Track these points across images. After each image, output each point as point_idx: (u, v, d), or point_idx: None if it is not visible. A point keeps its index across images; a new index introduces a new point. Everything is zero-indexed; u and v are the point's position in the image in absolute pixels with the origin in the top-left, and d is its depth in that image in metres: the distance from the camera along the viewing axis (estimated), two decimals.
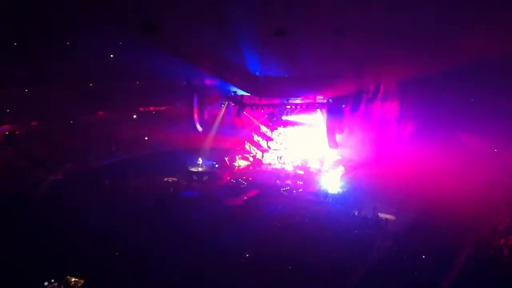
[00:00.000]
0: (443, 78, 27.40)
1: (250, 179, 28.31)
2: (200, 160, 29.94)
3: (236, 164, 31.36)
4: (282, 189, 26.63)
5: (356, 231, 19.94)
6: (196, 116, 33.32)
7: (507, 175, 25.57)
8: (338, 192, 26.19)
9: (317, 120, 32.87)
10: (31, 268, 15.76)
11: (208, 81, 32.86)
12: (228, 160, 31.34)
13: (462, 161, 27.02)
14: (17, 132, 30.02)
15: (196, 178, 27.98)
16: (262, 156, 31.84)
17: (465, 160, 27.05)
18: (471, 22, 22.78)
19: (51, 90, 30.35)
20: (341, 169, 29.76)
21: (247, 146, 33.55)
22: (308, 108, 31.81)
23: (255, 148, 32.67)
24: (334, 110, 31.49)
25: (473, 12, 22.38)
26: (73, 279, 15.46)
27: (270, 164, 31.39)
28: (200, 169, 29.42)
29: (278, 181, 28.11)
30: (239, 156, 32.09)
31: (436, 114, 29.46)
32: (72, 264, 16.17)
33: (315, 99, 31.78)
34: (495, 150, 28.39)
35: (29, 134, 30.34)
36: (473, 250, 17.33)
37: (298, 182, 27.98)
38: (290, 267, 16.67)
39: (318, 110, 32.42)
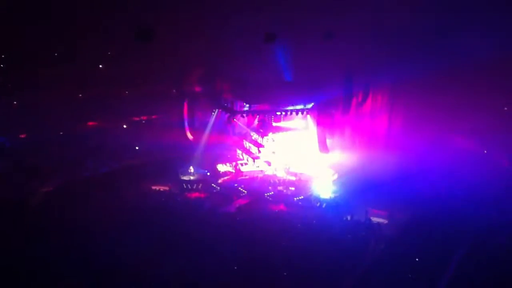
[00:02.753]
0: (432, 80, 27.70)
1: (243, 186, 28.34)
2: (191, 168, 29.90)
3: (227, 171, 31.38)
4: (266, 194, 26.81)
5: (349, 236, 20.00)
6: (186, 124, 33.33)
7: (497, 174, 25.87)
8: (330, 197, 26.27)
9: (308, 125, 33.03)
10: (24, 279, 15.63)
11: (198, 89, 32.91)
12: (219, 167, 31.35)
13: (453, 162, 27.31)
14: (7, 144, 29.81)
15: (188, 187, 27.90)
16: (254, 162, 31.90)
17: (456, 161, 27.34)
18: (459, 25, 23.10)
19: (41, 100, 30.20)
20: (332, 173, 29.85)
21: (239, 153, 33.57)
22: (299, 113, 31.96)
23: (246, 155, 32.70)
24: (324, 115, 31.69)
25: (462, 15, 22.70)
26: None
27: (262, 171, 31.44)
28: (192, 177, 29.37)
29: (270, 187, 28.16)
30: (228, 163, 32.13)
31: (426, 116, 29.77)
32: (66, 275, 16.04)
33: (305, 104, 31.94)
34: (485, 152, 28.74)
35: (20, 145, 30.10)
36: (467, 251, 17.46)
37: (290, 188, 28.05)
38: (285, 274, 16.68)
39: (309, 115, 32.59)
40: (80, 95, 33.76)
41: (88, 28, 26.08)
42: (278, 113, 31.84)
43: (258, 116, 32.56)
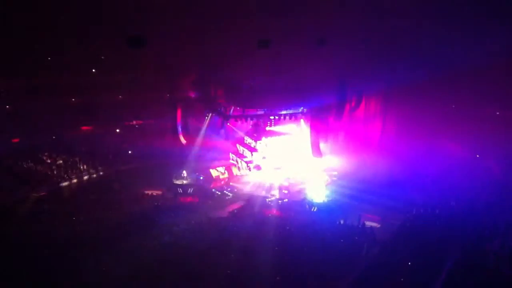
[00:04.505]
0: (424, 86, 27.83)
1: (236, 190, 28.30)
2: (184, 173, 29.83)
3: (220, 176, 31.30)
4: (267, 199, 26.71)
5: (342, 240, 19.98)
6: (180, 129, 33.29)
7: (489, 179, 25.97)
8: (324, 201, 26.28)
9: (301, 130, 33.11)
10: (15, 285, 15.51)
11: (192, 94, 32.89)
12: (212, 172, 31.27)
13: (445, 167, 27.39)
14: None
15: (181, 191, 27.81)
16: (247, 166, 31.90)
17: (448, 166, 27.43)
18: (451, 32, 23.23)
19: (34, 105, 30.05)
20: (325, 178, 29.89)
21: (232, 158, 33.54)
22: (292, 118, 32.01)
23: (239, 160, 32.69)
24: (317, 120, 31.75)
25: (454, 22, 22.83)
26: None
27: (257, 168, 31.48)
28: (185, 181, 29.31)
29: (263, 191, 28.15)
30: (222, 168, 32.08)
31: (419, 121, 29.90)
32: (58, 281, 15.93)
33: (298, 109, 32.03)
34: (477, 156, 28.86)
35: (12, 150, 29.91)
36: (459, 256, 17.48)
37: (283, 191, 28.07)
38: (278, 278, 16.64)
39: (302, 120, 32.66)
40: (73, 100, 33.63)
41: (81, 33, 25.97)
42: (272, 117, 31.87)
43: (251, 120, 32.57)
